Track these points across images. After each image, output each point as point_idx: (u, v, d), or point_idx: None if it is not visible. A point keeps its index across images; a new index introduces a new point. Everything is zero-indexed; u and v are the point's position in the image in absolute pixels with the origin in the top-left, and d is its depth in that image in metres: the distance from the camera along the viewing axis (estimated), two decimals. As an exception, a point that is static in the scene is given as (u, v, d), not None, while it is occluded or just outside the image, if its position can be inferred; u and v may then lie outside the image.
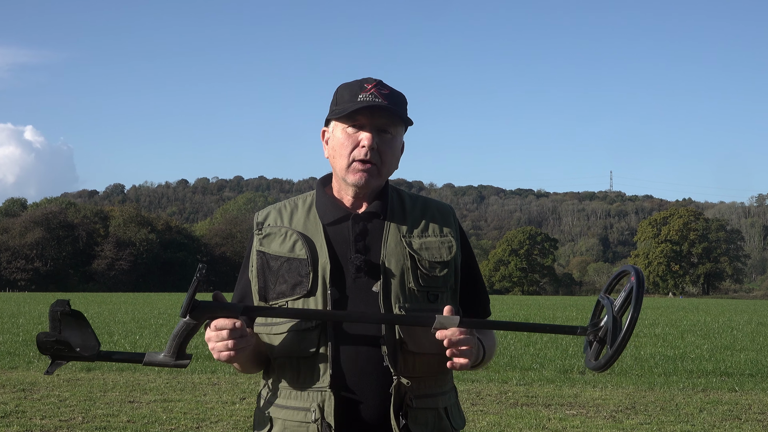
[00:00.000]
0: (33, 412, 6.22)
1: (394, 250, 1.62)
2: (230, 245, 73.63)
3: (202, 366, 9.09)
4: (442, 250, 1.64)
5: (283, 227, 1.65)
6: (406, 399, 1.55)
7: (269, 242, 1.65)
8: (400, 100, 1.64)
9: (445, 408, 1.63)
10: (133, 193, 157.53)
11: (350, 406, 1.55)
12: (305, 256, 1.60)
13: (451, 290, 1.65)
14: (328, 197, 1.68)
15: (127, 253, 67.24)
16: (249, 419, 6.06)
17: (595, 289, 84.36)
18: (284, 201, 1.74)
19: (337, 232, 1.63)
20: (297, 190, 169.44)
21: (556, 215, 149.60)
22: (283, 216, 1.68)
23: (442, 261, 1.63)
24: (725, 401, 7.38)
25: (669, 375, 9.20)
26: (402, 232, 1.64)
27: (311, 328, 1.56)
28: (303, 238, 1.62)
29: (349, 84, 1.65)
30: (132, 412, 6.26)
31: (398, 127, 1.65)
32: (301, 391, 1.58)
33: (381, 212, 1.65)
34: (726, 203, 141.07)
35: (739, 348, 12.65)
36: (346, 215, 1.65)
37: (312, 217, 1.66)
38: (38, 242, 66.16)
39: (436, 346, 1.55)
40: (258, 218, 1.70)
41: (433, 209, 1.71)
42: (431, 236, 1.66)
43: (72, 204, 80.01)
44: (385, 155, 1.62)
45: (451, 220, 1.71)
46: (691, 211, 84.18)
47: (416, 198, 1.74)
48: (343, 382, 1.55)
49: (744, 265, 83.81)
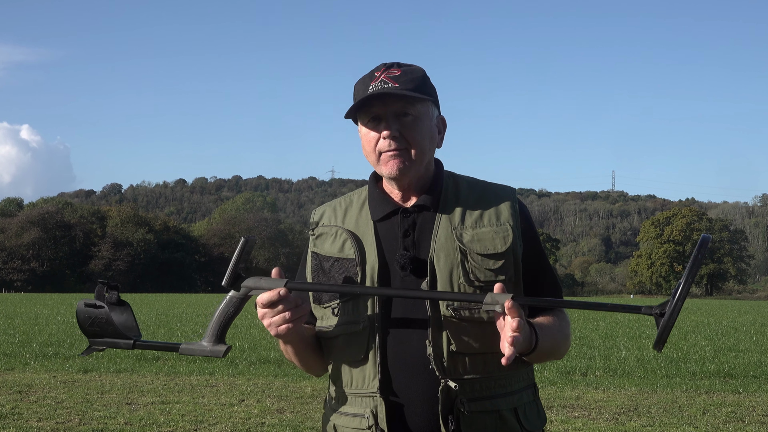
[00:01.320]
0: (29, 414, 6.19)
1: (444, 245, 1.55)
2: (229, 245, 73.43)
3: (200, 368, 9.05)
4: (497, 240, 1.55)
5: (334, 226, 1.63)
6: (457, 403, 1.49)
7: (322, 242, 1.63)
8: (415, 77, 1.56)
9: (514, 409, 1.55)
10: (130, 193, 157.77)
11: (401, 411, 1.52)
12: (354, 255, 1.57)
13: (510, 283, 1.55)
14: (378, 192, 1.63)
15: (124, 254, 67.04)
16: (247, 421, 6.03)
17: (597, 290, 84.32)
18: (342, 197, 1.71)
19: (387, 229, 1.60)
20: (296, 189, 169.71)
21: (558, 215, 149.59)
22: (338, 214, 1.66)
23: (495, 253, 1.54)
24: (729, 403, 7.32)
25: (672, 376, 9.14)
26: (454, 224, 1.57)
27: (359, 331, 1.54)
28: (352, 237, 1.59)
29: (363, 77, 1.59)
30: (129, 414, 6.23)
31: (419, 106, 1.56)
32: (353, 396, 1.56)
33: (431, 204, 1.59)
34: (729, 203, 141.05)
35: (743, 349, 12.58)
36: (395, 210, 1.60)
37: (364, 213, 1.63)
38: (35, 242, 66.00)
39: (488, 345, 1.50)
40: (313, 217, 1.68)
41: (490, 195, 1.62)
42: (486, 226, 1.57)
43: (69, 204, 79.86)
44: (412, 138, 1.55)
45: (510, 205, 1.60)
46: (695, 211, 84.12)
47: (475, 184, 1.65)
48: (392, 386, 1.52)
49: (748, 265, 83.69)
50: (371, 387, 1.53)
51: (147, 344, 1.49)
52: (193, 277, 71.47)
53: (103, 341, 1.46)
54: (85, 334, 1.47)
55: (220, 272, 19.81)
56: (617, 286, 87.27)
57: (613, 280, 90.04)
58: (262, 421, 6.04)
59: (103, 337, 1.45)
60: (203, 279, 73.83)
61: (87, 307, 1.45)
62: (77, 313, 1.45)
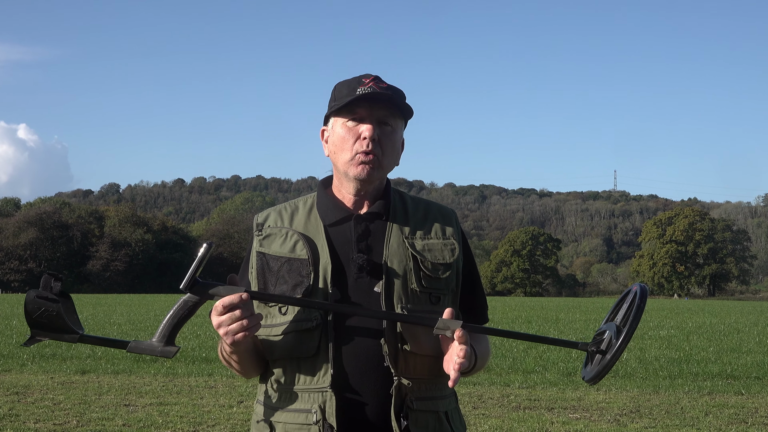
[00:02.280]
0: (27, 415, 6.17)
1: (396, 251, 1.61)
2: (228, 246, 73.27)
3: (198, 369, 9.03)
4: (445, 252, 1.65)
5: (283, 228, 1.65)
6: (407, 400, 1.55)
7: (269, 243, 1.64)
8: (398, 93, 1.64)
9: (445, 412, 1.62)
10: (128, 193, 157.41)
11: (351, 407, 1.54)
12: (306, 256, 1.59)
13: (452, 293, 1.65)
14: (329, 198, 1.68)
15: (122, 254, 66.69)
16: (246, 423, 6.01)
17: (599, 291, 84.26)
18: (284, 203, 1.74)
19: (338, 233, 1.63)
20: (295, 189, 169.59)
21: (560, 215, 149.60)
22: (284, 217, 1.68)
23: (444, 263, 1.63)
24: (731, 404, 7.31)
25: (674, 378, 9.14)
26: (404, 233, 1.65)
27: (312, 329, 1.56)
28: (304, 239, 1.62)
29: (347, 81, 1.65)
30: (127, 416, 6.22)
31: (398, 120, 1.65)
32: (301, 393, 1.57)
33: (383, 213, 1.65)
34: (732, 203, 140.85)
35: (746, 350, 12.56)
36: (348, 216, 1.64)
37: (313, 218, 1.66)
38: (32, 243, 65.72)
39: (437, 348, 1.55)
40: (258, 219, 1.70)
41: (435, 212, 1.71)
42: (434, 238, 1.66)
43: (66, 204, 79.41)
44: (386, 147, 1.62)
45: (454, 223, 1.71)
46: (697, 211, 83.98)
47: (418, 200, 1.74)
48: (344, 382, 1.54)
49: (750, 266, 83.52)
50: (322, 382, 1.54)
51: (93, 339, 1.50)
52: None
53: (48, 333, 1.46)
54: (30, 324, 1.46)
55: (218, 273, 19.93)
56: (619, 287, 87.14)
57: (615, 281, 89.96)
58: (261, 423, 6.02)
59: (50, 329, 1.45)
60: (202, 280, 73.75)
61: (39, 298, 1.44)
62: (26, 303, 1.45)
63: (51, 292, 1.45)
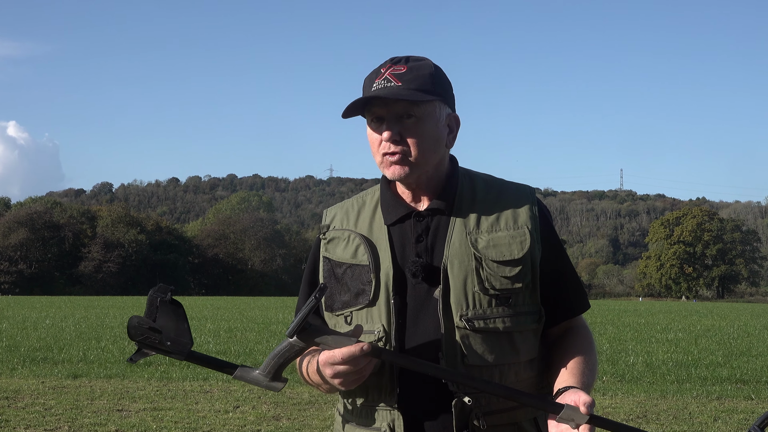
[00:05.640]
0: (17, 421, 6.11)
1: (458, 251, 1.52)
2: (223, 246, 72.97)
3: (193, 373, 8.94)
4: (513, 246, 1.52)
5: (346, 230, 1.60)
6: (472, 417, 1.47)
7: (334, 247, 1.60)
8: (421, 74, 1.51)
9: (534, 419, 1.54)
10: (121, 192, 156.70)
11: (416, 426, 1.51)
12: (367, 261, 1.55)
13: (527, 290, 1.52)
14: (390, 194, 1.60)
15: (115, 255, 65.74)
16: (243, 429, 5.97)
17: (605, 293, 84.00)
18: (354, 197, 1.69)
19: (400, 233, 1.57)
20: (293, 188, 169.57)
21: (564, 215, 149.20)
22: (350, 216, 1.63)
23: (512, 259, 1.51)
24: (741, 410, 7.21)
25: (682, 382, 9.04)
26: (469, 228, 1.54)
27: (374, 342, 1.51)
28: (366, 242, 1.57)
29: (373, 72, 1.56)
30: (121, 421, 6.16)
31: (424, 106, 1.51)
32: (370, 411, 1.55)
33: (445, 207, 1.56)
34: (741, 203, 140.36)
35: (756, 354, 12.45)
36: (408, 213, 1.57)
37: (377, 217, 1.60)
38: (22, 243, 64.80)
39: (503, 357, 1.49)
40: (325, 219, 1.66)
41: (508, 196, 1.58)
42: (503, 230, 1.54)
43: (58, 203, 78.60)
44: (413, 141, 1.51)
45: (528, 206, 1.57)
46: (705, 211, 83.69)
47: (492, 184, 1.61)
48: (408, 400, 1.51)
49: (760, 267, 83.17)
50: (389, 400, 1.51)
51: (200, 358, 1.47)
52: (186, 279, 70.22)
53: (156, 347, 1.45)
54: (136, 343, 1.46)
55: (214, 274, 19.77)
56: (625, 289, 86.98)
57: (621, 283, 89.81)
58: (258, 429, 5.98)
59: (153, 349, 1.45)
60: (197, 281, 73.14)
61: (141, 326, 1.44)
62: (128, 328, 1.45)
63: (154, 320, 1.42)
